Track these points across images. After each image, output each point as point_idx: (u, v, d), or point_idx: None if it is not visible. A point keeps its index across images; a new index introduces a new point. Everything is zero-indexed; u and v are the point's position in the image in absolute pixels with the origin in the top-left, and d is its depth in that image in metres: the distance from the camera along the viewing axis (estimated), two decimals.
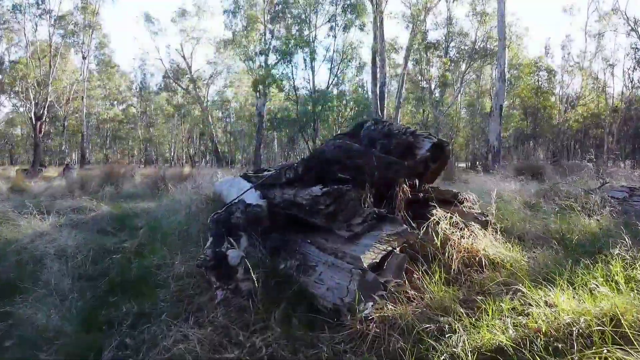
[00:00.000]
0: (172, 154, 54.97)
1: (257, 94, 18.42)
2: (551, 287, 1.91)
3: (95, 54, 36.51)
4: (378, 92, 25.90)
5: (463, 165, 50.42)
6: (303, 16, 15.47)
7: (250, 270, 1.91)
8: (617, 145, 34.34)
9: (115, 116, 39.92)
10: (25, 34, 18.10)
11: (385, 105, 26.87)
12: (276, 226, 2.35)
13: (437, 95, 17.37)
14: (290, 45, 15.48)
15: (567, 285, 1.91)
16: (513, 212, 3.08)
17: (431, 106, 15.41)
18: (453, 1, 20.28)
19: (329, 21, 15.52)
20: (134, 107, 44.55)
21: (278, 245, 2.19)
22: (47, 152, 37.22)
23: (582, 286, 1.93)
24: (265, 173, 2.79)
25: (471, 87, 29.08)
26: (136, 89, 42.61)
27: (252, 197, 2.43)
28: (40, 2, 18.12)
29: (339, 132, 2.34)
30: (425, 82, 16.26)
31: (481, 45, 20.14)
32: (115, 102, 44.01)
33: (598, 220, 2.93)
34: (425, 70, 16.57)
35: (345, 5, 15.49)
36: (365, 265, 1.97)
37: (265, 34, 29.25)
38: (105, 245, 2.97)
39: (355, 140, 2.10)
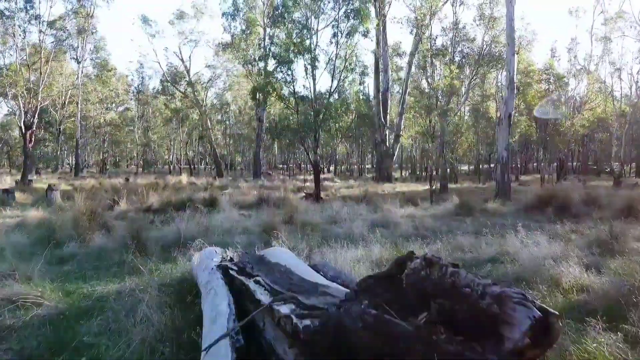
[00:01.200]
0: (171, 156, 54.25)
1: (257, 101, 17.70)
2: None
3: (92, 57, 35.86)
4: (381, 97, 25.21)
5: (465, 168, 49.76)
6: (303, 21, 14.69)
7: None
8: (626, 150, 33.64)
9: (113, 120, 39.17)
10: (15, 40, 17.33)
11: (388, 111, 26.16)
12: None
13: (442, 102, 16.64)
14: (290, 52, 14.69)
15: None
16: None
17: (439, 116, 14.66)
18: (459, 5, 19.54)
19: (332, 27, 14.71)
20: (131, 110, 43.79)
21: None
22: (42, 157, 36.52)
23: None
24: (249, 277, 2.00)
25: (475, 92, 28.34)
26: (133, 92, 41.87)
27: None
28: (28, 8, 17.37)
29: (368, 276, 1.40)
30: (432, 90, 15.50)
31: (488, 51, 19.38)
32: (113, 105, 43.30)
33: None
34: (432, 78, 15.81)
35: (348, 10, 14.68)
36: None
37: (265, 39, 28.54)
38: None
39: (395, 289, 1.30)
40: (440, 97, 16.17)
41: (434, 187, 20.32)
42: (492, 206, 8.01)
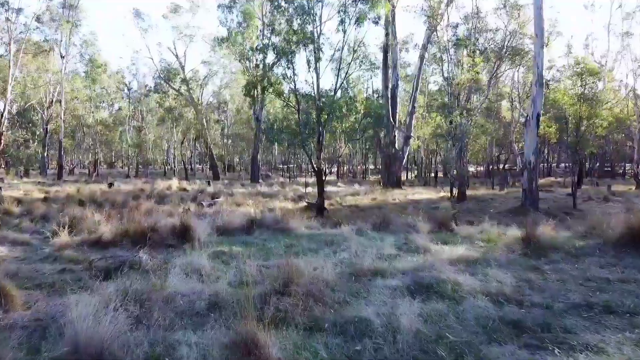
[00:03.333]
0: (167, 157, 52.21)
1: (253, 98, 15.64)
2: None
3: (81, 51, 33.80)
4: (389, 95, 23.11)
5: (471, 169, 47.47)
6: (306, 7, 12.66)
7: None
8: None
9: (103, 120, 37.12)
10: None
11: (397, 110, 24.07)
12: None
13: (462, 100, 14.60)
14: (291, 43, 12.67)
15: None
16: None
17: (461, 115, 12.64)
18: None
19: (338, 13, 12.68)
20: (123, 109, 41.75)
21: None
22: (28, 159, 34.33)
23: None
24: None
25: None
26: (124, 90, 39.73)
27: None
28: None
29: None
30: (450, 86, 13.46)
31: (510, 43, 17.30)
32: (104, 104, 41.26)
33: None
34: (452, 73, 13.75)
35: None
36: None
37: (263, 31, 26.49)
38: None
39: None
40: (461, 94, 14.13)
41: (448, 194, 18.32)
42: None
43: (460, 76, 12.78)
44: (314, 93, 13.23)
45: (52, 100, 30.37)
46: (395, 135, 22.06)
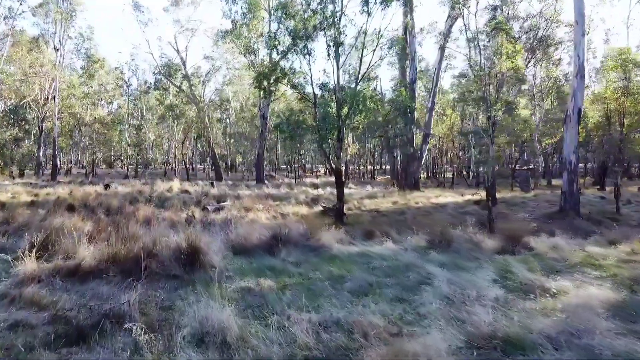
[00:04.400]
0: (168, 156, 50.66)
1: (262, 92, 14.07)
2: None
3: (77, 46, 32.25)
4: (407, 89, 21.54)
5: (480, 169, 45.86)
6: None
7: None
8: None
9: (101, 118, 35.53)
10: None
11: (415, 106, 22.49)
12: None
13: (494, 92, 13.03)
14: (308, 26, 11.14)
15: None
16: None
17: (501, 109, 11.13)
18: None
19: None
20: (122, 107, 40.15)
21: None
22: (24, 158, 32.80)
23: None
24: None
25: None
26: (123, 87, 38.12)
27: None
28: None
29: None
30: (488, 77, 11.92)
31: (546, 33, 15.76)
32: (103, 101, 39.72)
33: None
34: (492, 62, 12.20)
35: None
36: None
37: (269, 22, 24.93)
38: None
39: None
40: (495, 86, 12.58)
41: (480, 198, 16.78)
42: None
43: (499, 65, 11.22)
44: (334, 83, 11.71)
45: (48, 97, 28.84)
46: (413, 134, 20.51)
